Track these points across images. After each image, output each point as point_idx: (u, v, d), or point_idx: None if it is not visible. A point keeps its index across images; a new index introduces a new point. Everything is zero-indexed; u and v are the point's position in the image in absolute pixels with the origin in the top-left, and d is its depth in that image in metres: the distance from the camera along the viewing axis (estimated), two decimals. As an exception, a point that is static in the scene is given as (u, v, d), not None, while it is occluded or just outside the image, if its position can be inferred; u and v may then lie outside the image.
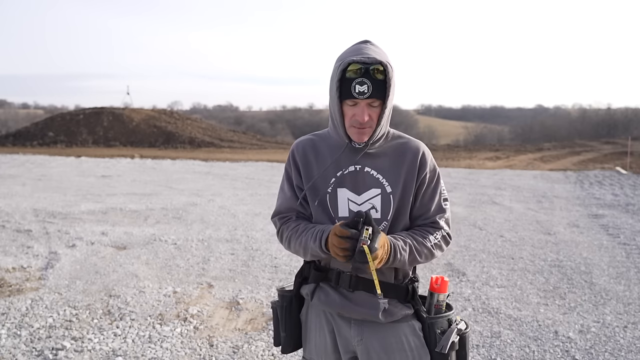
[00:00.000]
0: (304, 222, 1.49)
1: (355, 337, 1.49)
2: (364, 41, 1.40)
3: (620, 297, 4.20)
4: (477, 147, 27.74)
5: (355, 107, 1.36)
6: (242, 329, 3.48)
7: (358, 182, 1.45)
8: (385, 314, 1.45)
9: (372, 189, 1.44)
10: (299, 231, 1.46)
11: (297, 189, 1.52)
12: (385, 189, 1.45)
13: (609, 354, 3.17)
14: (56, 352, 3.05)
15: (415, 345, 1.46)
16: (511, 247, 5.88)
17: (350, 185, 1.45)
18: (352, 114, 1.37)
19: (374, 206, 1.44)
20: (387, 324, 1.47)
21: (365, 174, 1.45)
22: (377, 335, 1.48)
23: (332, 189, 1.45)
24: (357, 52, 1.35)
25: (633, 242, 6.12)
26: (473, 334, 3.45)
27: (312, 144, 1.52)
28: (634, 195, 10.13)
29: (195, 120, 34.09)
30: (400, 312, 1.47)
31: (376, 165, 1.45)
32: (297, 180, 1.52)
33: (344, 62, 1.33)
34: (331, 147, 1.48)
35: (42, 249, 5.48)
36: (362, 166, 1.45)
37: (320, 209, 1.47)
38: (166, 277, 4.59)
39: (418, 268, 1.65)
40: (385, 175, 1.45)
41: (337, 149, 1.47)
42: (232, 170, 15.13)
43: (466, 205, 8.74)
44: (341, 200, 1.45)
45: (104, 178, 12.43)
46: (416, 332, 1.48)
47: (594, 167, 16.72)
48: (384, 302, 1.43)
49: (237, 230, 6.59)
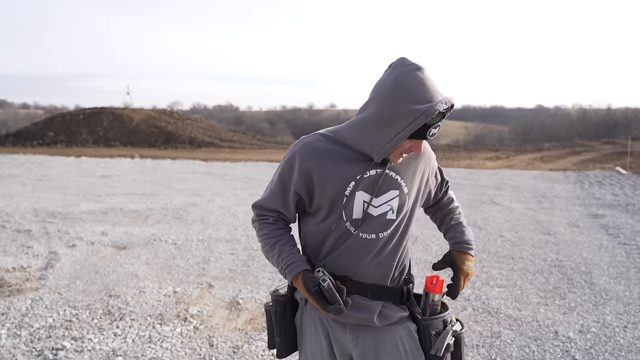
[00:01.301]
0: (278, 233, 1.48)
1: (351, 342, 1.48)
2: (422, 71, 1.30)
3: (620, 297, 4.20)
4: (477, 147, 27.73)
5: (416, 142, 1.35)
6: (242, 329, 3.48)
7: (377, 185, 1.41)
8: (380, 318, 1.44)
9: (391, 191, 1.43)
10: (270, 244, 1.48)
11: (293, 194, 1.44)
12: (403, 190, 1.44)
13: (609, 354, 3.18)
14: (56, 352, 3.05)
15: (410, 348, 1.45)
16: (511, 247, 5.88)
17: (370, 188, 1.41)
18: (408, 147, 1.36)
19: (392, 208, 1.43)
20: (383, 327, 1.46)
21: (385, 176, 1.42)
22: (372, 339, 1.47)
23: (350, 192, 1.40)
24: (435, 94, 1.28)
25: (633, 242, 6.12)
26: (473, 333, 3.45)
27: (328, 149, 1.42)
28: (634, 195, 10.13)
29: (195, 120, 34.09)
30: (396, 314, 1.46)
31: (396, 167, 1.44)
32: (296, 185, 1.43)
33: (431, 108, 1.25)
34: (350, 155, 1.41)
35: (42, 249, 5.48)
36: (382, 169, 1.42)
37: (330, 210, 1.43)
38: (166, 277, 4.59)
39: (414, 266, 1.67)
40: (403, 176, 1.45)
41: (358, 157, 1.41)
42: (232, 170, 15.13)
43: (466, 205, 8.74)
44: (357, 203, 1.41)
45: (104, 178, 12.43)
46: (411, 334, 1.47)
47: (594, 167, 16.72)
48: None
49: (237, 230, 6.59)
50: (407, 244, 1.52)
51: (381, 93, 1.32)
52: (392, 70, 1.32)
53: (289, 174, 1.44)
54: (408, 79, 1.28)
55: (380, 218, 1.42)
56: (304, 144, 1.44)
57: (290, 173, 1.44)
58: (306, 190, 1.43)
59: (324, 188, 1.41)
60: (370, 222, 1.42)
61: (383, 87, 1.32)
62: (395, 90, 1.28)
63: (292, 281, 1.41)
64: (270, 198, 1.50)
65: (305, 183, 1.42)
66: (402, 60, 1.33)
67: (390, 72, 1.33)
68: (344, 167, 1.40)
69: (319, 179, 1.40)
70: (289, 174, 1.44)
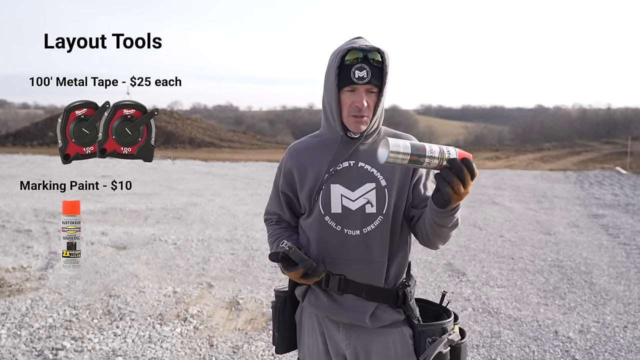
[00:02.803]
0: (279, 231, 1.55)
1: (344, 341, 1.48)
2: (357, 37, 1.44)
3: (620, 297, 4.20)
4: (477, 147, 27.71)
5: (353, 94, 1.37)
6: (242, 329, 3.48)
7: (352, 178, 1.43)
8: (372, 319, 1.42)
9: (367, 184, 1.43)
10: (271, 242, 1.56)
11: (282, 194, 1.54)
12: (380, 183, 1.43)
13: (609, 354, 3.18)
14: (56, 352, 3.05)
15: (401, 353, 1.42)
16: (511, 247, 5.88)
17: (344, 181, 1.43)
18: (350, 102, 1.38)
19: (369, 201, 1.42)
20: (376, 329, 1.44)
21: (359, 169, 1.43)
22: (364, 340, 1.45)
23: (325, 185, 1.43)
24: (354, 43, 1.39)
25: (633, 242, 6.12)
26: (473, 334, 3.45)
27: (306, 146, 1.52)
28: (634, 195, 10.13)
29: (195, 120, 34.07)
30: (389, 317, 1.44)
31: (370, 159, 1.44)
32: (282, 186, 1.53)
33: (343, 49, 1.37)
34: (325, 144, 1.48)
35: (42, 249, 5.48)
36: (355, 161, 1.44)
37: (312, 206, 1.47)
38: (166, 277, 4.59)
39: (414, 266, 1.66)
40: (379, 168, 1.43)
41: (331, 145, 1.46)
42: (232, 170, 15.13)
43: (466, 205, 8.74)
44: (334, 196, 1.43)
45: (103, 178, 12.43)
46: (405, 340, 1.43)
47: (594, 167, 16.72)
48: None
49: (237, 230, 6.59)
50: (401, 243, 1.47)
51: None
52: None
53: (278, 177, 1.56)
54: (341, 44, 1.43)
55: (359, 212, 1.42)
56: (290, 147, 1.57)
57: (279, 176, 1.56)
58: (290, 189, 1.52)
59: (303, 184, 1.48)
60: (350, 216, 1.42)
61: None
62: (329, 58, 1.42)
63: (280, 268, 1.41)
64: (270, 202, 1.62)
65: (288, 183, 1.52)
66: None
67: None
68: (318, 161, 1.46)
69: (299, 177, 1.48)
70: (278, 177, 1.56)
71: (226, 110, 63.80)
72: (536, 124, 47.33)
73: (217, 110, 62.73)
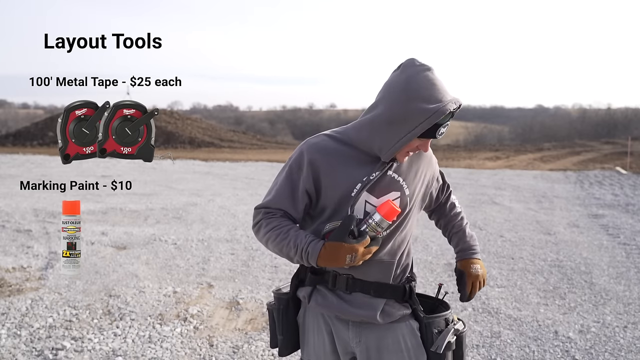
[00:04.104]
0: (286, 223, 1.42)
1: (354, 339, 1.49)
2: (432, 71, 1.35)
3: (620, 297, 4.20)
4: (477, 147, 27.72)
5: (423, 141, 1.38)
6: (242, 329, 3.48)
7: (380, 186, 1.43)
8: (383, 315, 1.45)
9: (392, 192, 1.44)
10: (283, 232, 1.39)
11: (302, 193, 1.42)
12: (405, 192, 1.46)
13: (609, 354, 3.18)
14: (56, 352, 3.05)
15: (412, 345, 1.46)
16: (511, 247, 5.88)
17: (371, 187, 1.42)
18: (416, 146, 1.39)
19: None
20: (385, 325, 1.47)
21: (387, 177, 1.44)
22: (375, 336, 1.48)
23: (356, 194, 1.40)
24: (445, 94, 1.33)
25: (633, 242, 6.12)
26: (473, 334, 3.45)
27: (335, 149, 1.43)
28: (634, 195, 10.13)
29: (195, 120, 34.08)
30: (398, 312, 1.47)
31: (398, 169, 1.46)
32: (305, 181, 1.42)
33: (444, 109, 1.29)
34: (358, 157, 1.43)
35: (42, 249, 5.48)
36: (385, 170, 1.43)
37: (335, 211, 1.42)
38: (166, 277, 4.59)
39: (416, 268, 1.67)
40: (405, 177, 1.46)
41: (365, 158, 1.43)
42: (232, 170, 15.14)
43: (466, 205, 8.74)
44: (359, 203, 1.42)
45: (103, 178, 12.43)
46: (414, 332, 1.48)
47: (594, 167, 16.72)
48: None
49: (237, 230, 6.59)
50: (408, 244, 1.53)
51: (392, 93, 1.34)
52: (403, 70, 1.35)
53: (298, 173, 1.43)
54: (419, 79, 1.32)
55: None
56: (311, 144, 1.45)
57: (299, 172, 1.43)
58: (315, 189, 1.43)
59: (330, 188, 1.41)
60: None
61: (394, 87, 1.34)
62: (407, 90, 1.31)
63: (317, 256, 1.34)
64: (276, 199, 1.44)
65: (314, 182, 1.42)
66: (412, 61, 1.36)
67: (401, 72, 1.35)
68: (350, 168, 1.41)
69: (327, 179, 1.41)
70: (297, 174, 1.43)
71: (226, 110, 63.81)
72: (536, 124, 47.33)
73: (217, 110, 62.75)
